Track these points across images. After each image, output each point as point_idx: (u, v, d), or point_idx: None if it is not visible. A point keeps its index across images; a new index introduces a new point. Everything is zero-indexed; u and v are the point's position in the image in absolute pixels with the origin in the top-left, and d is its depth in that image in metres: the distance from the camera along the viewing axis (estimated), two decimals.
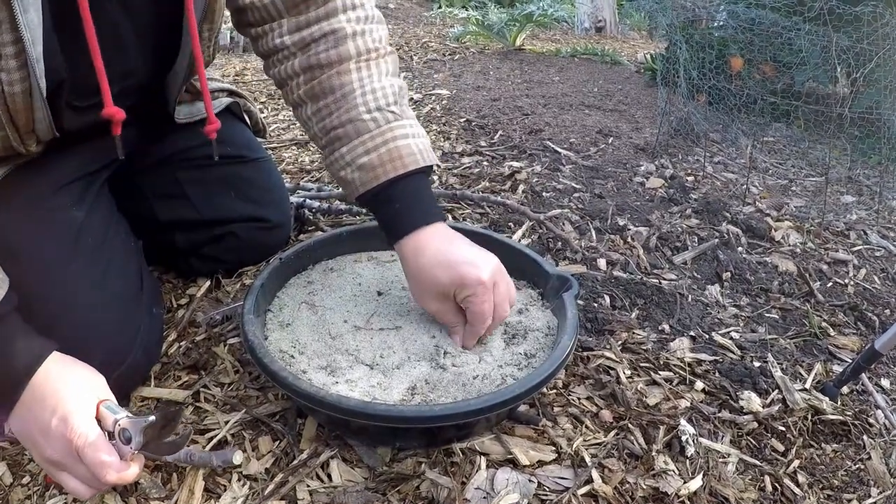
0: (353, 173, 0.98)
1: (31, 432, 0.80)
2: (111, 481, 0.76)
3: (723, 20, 2.61)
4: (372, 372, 0.94)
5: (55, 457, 0.78)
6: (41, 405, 0.79)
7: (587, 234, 1.57)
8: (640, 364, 1.12)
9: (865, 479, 0.97)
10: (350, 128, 0.98)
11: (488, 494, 0.85)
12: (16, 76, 0.80)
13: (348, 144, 0.98)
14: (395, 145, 0.97)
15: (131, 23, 0.93)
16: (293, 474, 0.88)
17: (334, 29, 1.00)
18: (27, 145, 0.91)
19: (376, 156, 0.96)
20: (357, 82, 0.99)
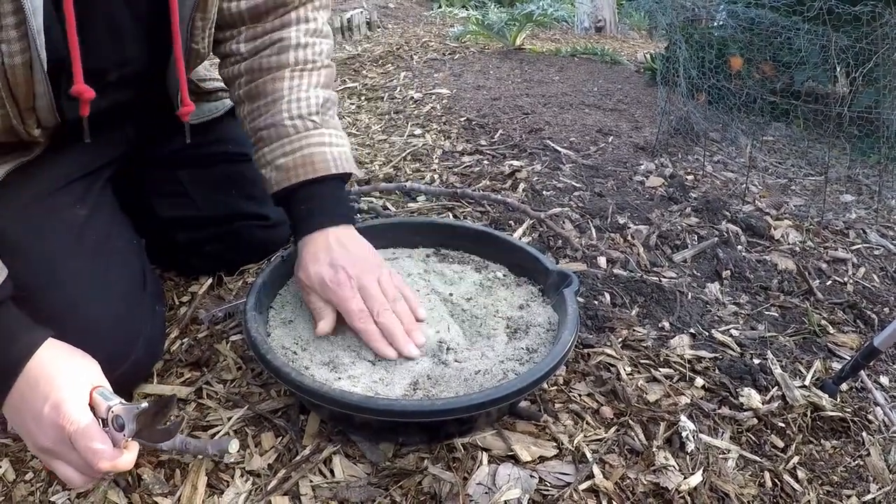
0: (271, 172, 1.06)
1: (24, 420, 0.80)
2: (104, 468, 0.76)
3: (722, 20, 2.62)
4: (374, 368, 0.94)
5: (47, 444, 0.78)
6: (34, 392, 0.79)
7: (587, 232, 1.57)
8: (641, 361, 1.13)
9: (864, 476, 0.97)
10: (273, 131, 1.06)
11: (490, 490, 0.85)
12: (16, 47, 0.80)
13: (270, 146, 1.06)
14: (310, 151, 1.04)
15: (127, 8, 0.94)
16: (296, 470, 0.89)
17: (282, 38, 1.08)
18: (28, 127, 0.90)
19: (291, 159, 1.04)
20: (286, 90, 1.07)
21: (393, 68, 3.37)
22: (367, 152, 2.15)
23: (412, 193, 1.73)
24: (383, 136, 2.33)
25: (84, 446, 0.75)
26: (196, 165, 1.25)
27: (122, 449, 0.77)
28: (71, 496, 0.88)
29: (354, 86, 3.02)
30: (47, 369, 0.80)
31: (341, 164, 1.06)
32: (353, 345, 0.98)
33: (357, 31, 4.51)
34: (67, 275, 0.95)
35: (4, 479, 0.91)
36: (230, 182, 1.28)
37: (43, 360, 0.81)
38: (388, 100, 2.80)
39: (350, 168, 1.07)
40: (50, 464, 0.81)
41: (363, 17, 4.65)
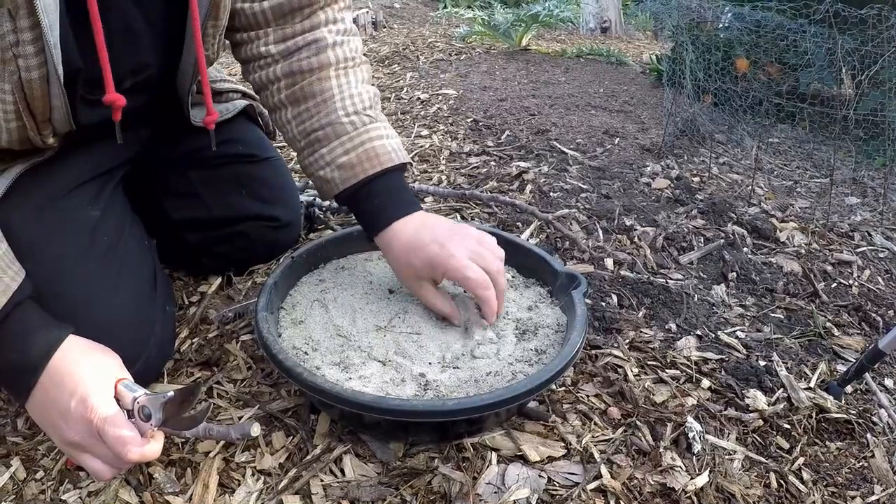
0: (333, 172, 1.05)
1: (51, 416, 0.81)
2: (133, 458, 0.77)
3: (728, 22, 2.63)
4: (385, 368, 0.95)
5: (76, 439, 0.79)
6: (59, 389, 0.80)
7: (594, 233, 1.58)
8: (648, 362, 1.14)
9: (869, 477, 0.98)
10: (329, 130, 1.05)
11: (499, 489, 0.86)
12: (33, 62, 0.81)
13: (328, 146, 1.05)
14: (372, 146, 1.04)
15: (143, 16, 0.95)
16: (307, 469, 0.90)
17: (317, 39, 1.08)
18: (43, 136, 0.92)
19: (355, 155, 1.04)
20: (336, 88, 1.07)
21: (399, 69, 3.38)
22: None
23: (420, 195, 1.74)
24: None
25: (112, 438, 0.76)
26: (207, 166, 1.26)
27: (149, 438, 0.79)
28: (82, 495, 0.89)
29: None
30: (70, 365, 0.81)
31: (401, 154, 1.07)
32: (364, 345, 0.99)
33: (363, 32, 4.53)
34: (80, 276, 0.97)
35: (15, 477, 0.92)
36: (241, 183, 1.29)
37: (66, 357, 0.82)
38: (395, 100, 2.81)
39: (407, 158, 1.09)
40: (78, 458, 0.82)
41: (369, 18, 4.66)
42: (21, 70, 0.81)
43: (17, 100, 0.84)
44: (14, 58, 0.80)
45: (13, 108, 0.85)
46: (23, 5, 0.76)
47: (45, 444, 0.97)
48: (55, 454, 0.95)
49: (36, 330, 0.83)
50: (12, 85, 0.82)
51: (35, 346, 0.82)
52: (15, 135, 0.89)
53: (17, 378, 0.83)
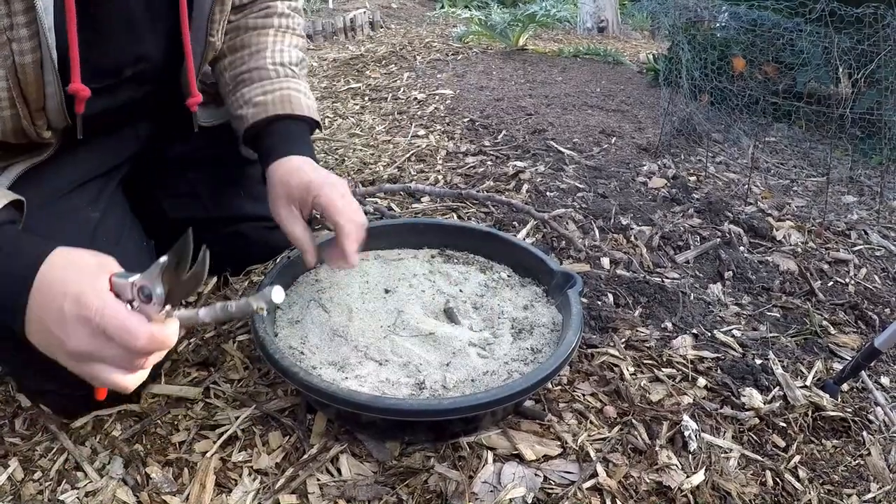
0: (248, 109, 1.12)
1: (50, 330, 0.73)
2: (142, 345, 0.69)
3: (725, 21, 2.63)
4: (381, 368, 0.96)
5: (81, 346, 0.71)
6: (51, 297, 0.72)
7: (591, 233, 1.58)
8: (644, 361, 1.14)
9: (865, 475, 0.98)
10: (255, 73, 1.14)
11: (495, 488, 0.86)
12: (27, 45, 0.80)
13: (250, 86, 1.13)
14: (288, 93, 1.12)
15: (143, 4, 0.95)
16: (303, 468, 0.90)
17: (268, 6, 1.20)
18: (38, 128, 0.91)
19: (270, 97, 1.11)
20: (270, 43, 1.17)
21: (396, 69, 3.38)
22: (372, 153, 2.16)
23: (416, 194, 1.74)
24: (387, 136, 2.34)
25: (116, 329, 0.69)
26: (205, 167, 1.26)
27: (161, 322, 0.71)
28: (80, 495, 0.89)
29: (358, 86, 3.03)
30: (59, 272, 0.74)
31: (314, 113, 1.14)
32: (361, 345, 1.00)
33: (360, 31, 4.53)
34: None
35: (13, 478, 0.92)
36: (237, 183, 1.29)
37: (53, 266, 0.75)
38: (392, 100, 2.81)
39: (318, 118, 1.16)
40: (93, 373, 0.73)
41: (366, 17, 4.66)
42: (15, 54, 0.80)
43: (10, 86, 0.83)
44: (8, 42, 0.79)
45: (7, 94, 0.84)
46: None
47: (42, 444, 0.97)
48: (53, 454, 0.95)
49: (21, 246, 0.78)
50: (6, 70, 0.82)
51: (20, 262, 0.75)
52: (9, 124, 0.88)
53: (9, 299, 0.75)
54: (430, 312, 1.08)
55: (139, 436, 0.97)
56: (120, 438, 0.96)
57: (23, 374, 1.02)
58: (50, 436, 0.98)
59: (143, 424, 0.98)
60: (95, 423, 0.99)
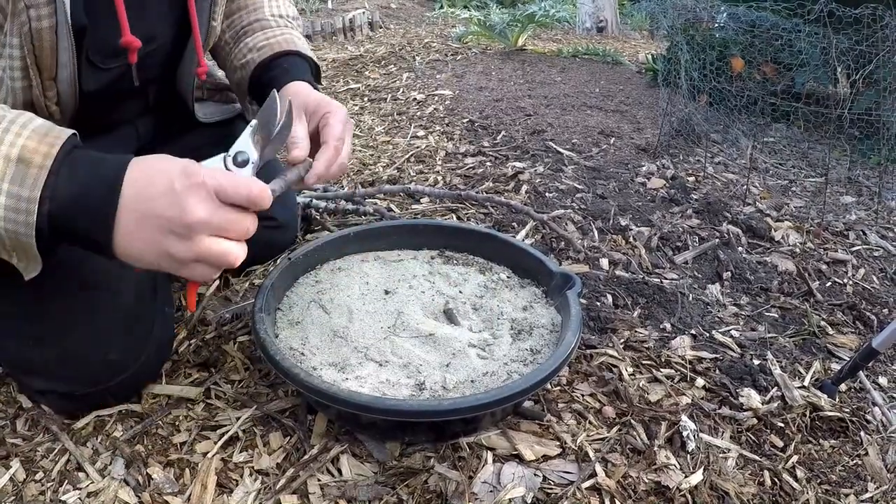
0: (253, 54, 1.15)
1: (157, 218, 0.70)
2: (258, 194, 0.72)
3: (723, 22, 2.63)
4: (381, 369, 0.96)
5: (199, 213, 0.69)
6: (150, 187, 0.70)
7: (590, 234, 1.59)
8: (642, 362, 1.15)
9: (862, 475, 0.99)
10: (256, 24, 1.20)
11: (495, 488, 0.87)
12: (44, 11, 0.82)
13: (252, 35, 1.18)
14: (290, 36, 1.18)
15: None
16: (304, 469, 0.90)
17: None
18: (48, 99, 0.91)
19: (274, 40, 1.16)
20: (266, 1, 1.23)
21: (395, 69, 3.38)
22: (371, 154, 2.17)
23: (416, 195, 1.75)
24: (387, 137, 2.35)
25: (231, 183, 0.70)
26: None
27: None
28: (82, 495, 0.89)
29: (357, 87, 3.04)
30: (149, 166, 0.72)
31: (314, 57, 1.18)
32: (361, 346, 1.00)
33: (359, 32, 4.53)
34: (80, 277, 0.97)
35: (15, 478, 0.92)
36: None
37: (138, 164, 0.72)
38: (391, 101, 2.81)
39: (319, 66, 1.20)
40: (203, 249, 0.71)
41: (365, 18, 4.66)
42: (32, 20, 0.82)
43: (24, 55, 0.84)
44: (25, 8, 0.81)
45: (20, 63, 0.85)
46: None
47: (44, 445, 0.97)
48: (55, 455, 0.95)
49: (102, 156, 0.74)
50: (21, 38, 0.83)
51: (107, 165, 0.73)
52: (20, 96, 0.89)
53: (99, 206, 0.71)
54: (430, 313, 1.08)
55: (140, 436, 0.97)
56: (121, 439, 0.96)
57: (24, 375, 1.03)
58: (51, 436, 0.98)
59: (145, 425, 0.99)
60: (97, 424, 1.00)
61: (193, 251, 0.71)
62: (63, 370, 0.96)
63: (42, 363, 0.97)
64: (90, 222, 0.72)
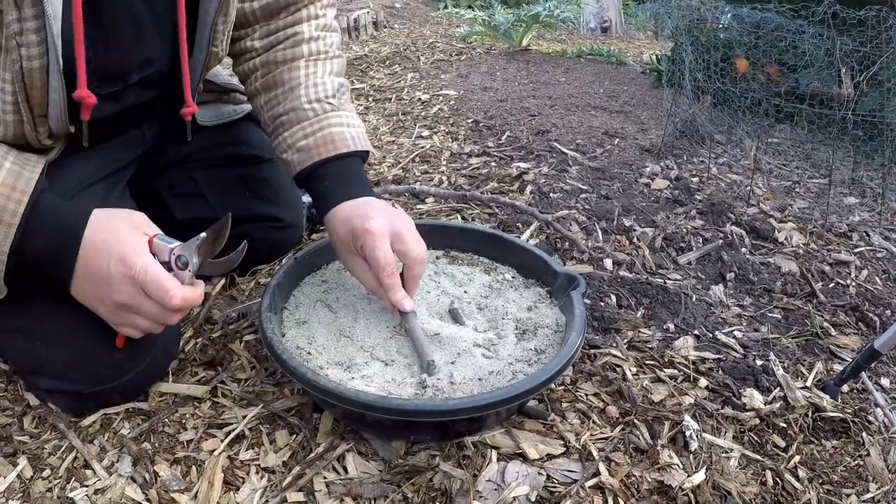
0: (293, 155, 1.10)
1: (97, 285, 0.85)
2: (176, 304, 0.83)
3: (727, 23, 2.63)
4: (387, 368, 0.97)
5: (123, 299, 0.84)
6: (97, 258, 0.84)
7: (594, 234, 1.59)
8: (646, 362, 1.15)
9: (864, 475, 0.99)
10: (293, 115, 1.11)
11: (499, 486, 0.88)
12: (35, 51, 0.82)
13: (290, 129, 1.11)
14: (330, 131, 1.09)
15: (149, 10, 0.96)
16: (310, 467, 0.91)
17: (296, 33, 1.15)
18: (39, 135, 0.92)
19: (312, 140, 1.08)
20: (303, 77, 1.13)
21: (400, 69, 3.39)
22: (376, 154, 2.18)
23: (421, 195, 1.75)
24: (391, 137, 2.36)
25: (155, 287, 0.82)
26: (211, 167, 1.28)
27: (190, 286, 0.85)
28: (89, 492, 0.90)
29: (362, 87, 3.05)
30: (103, 233, 0.85)
31: (359, 142, 1.10)
32: (367, 345, 1.01)
33: (364, 31, 4.53)
34: None
35: (22, 476, 0.93)
36: (244, 183, 1.30)
37: (95, 228, 0.86)
38: (396, 101, 2.82)
39: (367, 146, 1.12)
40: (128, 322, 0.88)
41: (370, 17, 4.67)
42: (23, 59, 0.82)
43: (16, 90, 0.85)
44: (17, 46, 0.81)
45: (12, 98, 0.86)
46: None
47: (51, 442, 0.98)
48: (62, 453, 0.96)
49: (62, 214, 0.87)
50: (13, 74, 0.83)
51: (64, 227, 0.86)
52: (11, 129, 0.89)
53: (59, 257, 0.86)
54: (436, 313, 1.09)
55: (147, 434, 0.98)
56: (128, 437, 0.97)
57: (31, 374, 1.04)
58: (58, 434, 0.99)
59: (151, 423, 0.99)
60: (104, 422, 1.01)
61: (118, 319, 0.88)
62: (70, 370, 0.97)
63: (49, 363, 0.97)
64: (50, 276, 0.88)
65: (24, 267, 0.86)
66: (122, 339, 0.95)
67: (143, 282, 0.82)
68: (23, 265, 0.86)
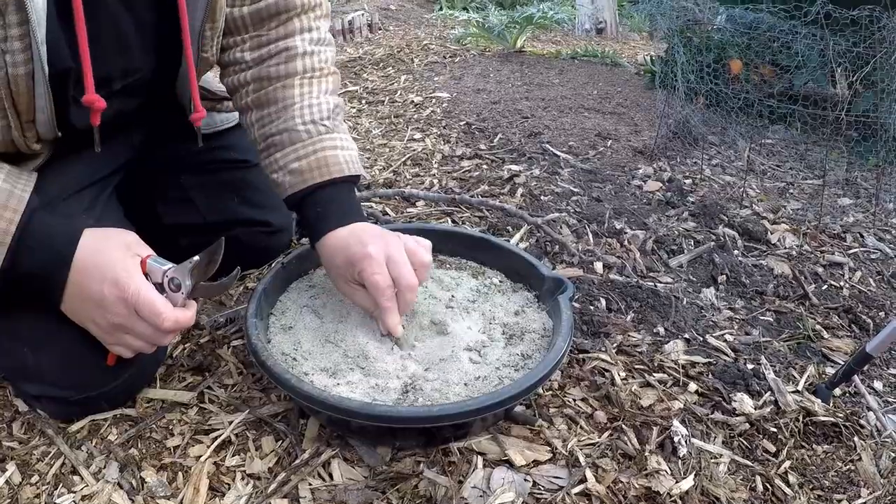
0: (285, 177, 1.08)
1: (88, 307, 0.86)
2: (168, 327, 0.84)
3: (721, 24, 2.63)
4: (372, 373, 0.96)
5: (116, 320, 0.85)
6: (90, 278, 0.85)
7: (584, 237, 1.59)
8: (635, 366, 1.15)
9: (855, 480, 0.99)
10: (286, 136, 1.08)
11: (484, 493, 0.87)
12: (20, 58, 0.82)
13: (282, 150, 1.08)
14: (324, 155, 1.07)
15: (132, 18, 0.96)
16: (295, 473, 0.91)
17: (288, 47, 1.11)
18: (28, 140, 0.92)
19: (306, 162, 1.06)
20: (298, 97, 1.10)
21: (394, 71, 3.39)
22: (368, 157, 2.17)
23: (411, 199, 1.75)
24: (383, 140, 2.35)
25: (147, 310, 0.83)
26: (199, 172, 1.27)
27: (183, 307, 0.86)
28: (76, 498, 0.90)
29: (355, 89, 3.04)
30: (95, 255, 0.86)
31: (352, 166, 1.09)
32: (352, 351, 1.00)
33: (358, 34, 4.53)
34: None
35: (10, 482, 0.93)
36: (233, 188, 1.29)
37: (88, 247, 0.87)
38: (389, 103, 2.82)
39: (359, 171, 1.11)
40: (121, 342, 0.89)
41: (364, 20, 4.67)
42: (8, 66, 0.82)
43: (2, 96, 0.85)
44: (1, 53, 0.81)
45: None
46: (12, 2, 0.77)
47: (39, 448, 0.98)
48: (50, 458, 0.96)
49: (54, 232, 0.88)
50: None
51: (56, 246, 0.87)
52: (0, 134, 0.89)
53: (50, 278, 0.87)
54: (423, 317, 1.08)
55: (134, 440, 0.98)
56: (116, 443, 0.97)
57: (19, 380, 1.03)
58: (47, 440, 0.99)
59: (139, 429, 0.99)
60: (91, 428, 1.01)
61: (111, 339, 0.89)
62: (58, 376, 0.97)
63: (37, 369, 0.97)
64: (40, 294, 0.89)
65: (15, 283, 0.87)
66: (112, 357, 0.95)
67: (135, 304, 0.83)
68: (13, 282, 0.86)
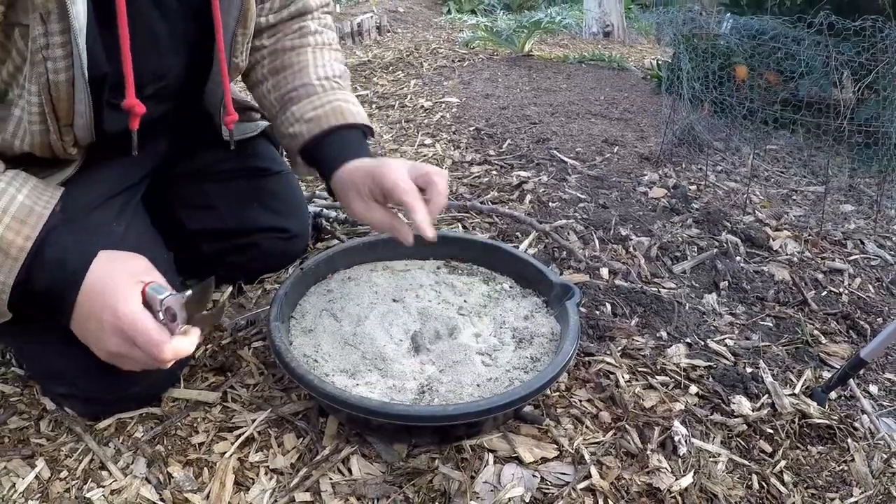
0: (301, 126, 1.15)
1: (92, 331, 0.87)
2: (167, 357, 0.84)
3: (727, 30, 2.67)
4: (389, 374, 1.01)
5: (115, 349, 0.86)
6: (94, 304, 0.86)
7: (591, 243, 1.63)
8: (639, 369, 1.19)
9: (848, 480, 1.03)
10: (302, 90, 1.18)
11: (495, 488, 0.92)
12: (61, 64, 0.85)
13: (299, 103, 1.17)
14: (338, 104, 1.16)
15: (167, 25, 1.00)
16: (317, 468, 0.96)
17: (301, 26, 1.25)
18: (65, 143, 0.95)
19: (322, 111, 1.15)
20: (311, 60, 1.21)
21: (403, 75, 3.43)
22: None
23: None
24: (394, 145, 2.40)
25: (144, 343, 0.83)
26: (222, 179, 1.32)
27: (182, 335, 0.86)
28: (105, 493, 0.94)
29: (366, 93, 3.09)
30: (102, 280, 0.87)
31: (364, 119, 1.18)
32: (369, 353, 1.05)
33: (367, 36, 4.58)
34: None
35: (40, 476, 0.97)
36: (253, 196, 1.35)
37: (97, 274, 0.87)
38: (399, 108, 2.86)
39: (369, 123, 1.19)
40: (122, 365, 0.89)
41: (373, 22, 4.71)
42: (49, 72, 0.85)
43: (42, 101, 0.88)
44: (43, 60, 0.84)
45: (38, 109, 0.89)
46: (54, 10, 0.81)
47: (67, 445, 1.02)
48: (79, 455, 1.00)
49: (69, 251, 0.89)
50: (39, 87, 0.87)
51: (72, 263, 0.88)
52: (37, 138, 0.93)
53: (61, 297, 0.88)
54: (437, 322, 1.13)
55: (160, 437, 1.02)
56: (142, 440, 1.01)
57: (47, 381, 1.08)
58: (75, 437, 1.03)
59: (164, 426, 1.04)
60: (118, 426, 1.05)
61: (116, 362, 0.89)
62: (86, 379, 1.00)
63: (65, 372, 1.01)
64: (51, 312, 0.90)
65: (28, 299, 0.89)
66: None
67: (131, 334, 0.83)
68: (26, 298, 0.88)
